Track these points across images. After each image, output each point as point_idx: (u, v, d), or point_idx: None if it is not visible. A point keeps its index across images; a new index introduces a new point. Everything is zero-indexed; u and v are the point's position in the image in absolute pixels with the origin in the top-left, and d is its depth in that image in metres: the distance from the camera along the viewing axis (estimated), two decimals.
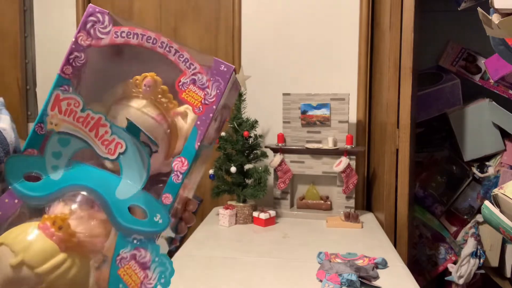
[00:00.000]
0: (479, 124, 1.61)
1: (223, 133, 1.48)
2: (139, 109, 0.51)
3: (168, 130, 0.52)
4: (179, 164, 0.46)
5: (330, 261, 1.01)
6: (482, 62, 1.66)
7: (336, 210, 1.49)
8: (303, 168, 1.51)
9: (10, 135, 0.52)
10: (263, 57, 1.67)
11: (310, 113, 1.50)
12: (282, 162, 1.50)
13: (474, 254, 1.53)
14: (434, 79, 1.72)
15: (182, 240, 1.63)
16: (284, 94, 1.53)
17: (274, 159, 1.51)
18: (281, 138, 1.52)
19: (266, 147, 1.54)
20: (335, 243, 1.20)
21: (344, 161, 1.44)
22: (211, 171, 1.49)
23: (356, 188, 1.51)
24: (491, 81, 1.63)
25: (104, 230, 0.41)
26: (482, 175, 1.62)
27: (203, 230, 1.36)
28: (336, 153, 1.47)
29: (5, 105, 0.57)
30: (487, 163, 1.63)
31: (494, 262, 1.60)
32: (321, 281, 0.93)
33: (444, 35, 1.76)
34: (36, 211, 0.43)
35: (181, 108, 0.54)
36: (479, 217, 1.59)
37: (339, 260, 1.03)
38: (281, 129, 1.54)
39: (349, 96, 1.48)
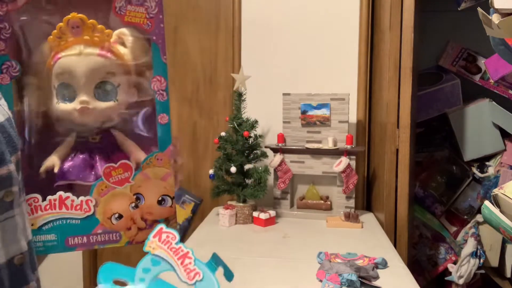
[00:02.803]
0: (479, 124, 1.61)
1: (223, 133, 1.48)
2: (81, 54, 0.51)
3: (118, 60, 0.53)
4: (157, 84, 0.48)
5: (330, 261, 1.01)
6: (482, 62, 1.66)
7: (336, 210, 1.49)
8: (303, 168, 1.51)
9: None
10: (263, 57, 1.67)
11: (310, 113, 1.50)
12: (282, 162, 1.50)
13: (474, 254, 1.53)
14: (434, 79, 1.72)
15: (183, 240, 1.63)
16: (284, 94, 1.53)
17: (274, 159, 1.51)
18: (281, 138, 1.52)
19: (266, 147, 1.54)
20: (335, 243, 1.20)
21: (344, 161, 1.44)
22: (211, 171, 1.49)
23: (356, 188, 1.51)
24: (491, 81, 1.64)
25: None
26: (482, 175, 1.62)
27: (203, 230, 1.36)
28: (336, 153, 1.47)
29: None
30: (487, 163, 1.63)
31: (494, 262, 1.60)
32: (321, 281, 0.93)
33: (444, 35, 1.76)
34: None
35: (113, 37, 0.54)
36: (479, 217, 1.59)
37: (339, 260, 1.03)
38: (281, 129, 1.54)
39: (349, 96, 1.48)
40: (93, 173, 0.58)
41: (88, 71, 0.52)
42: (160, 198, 0.54)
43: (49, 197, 0.57)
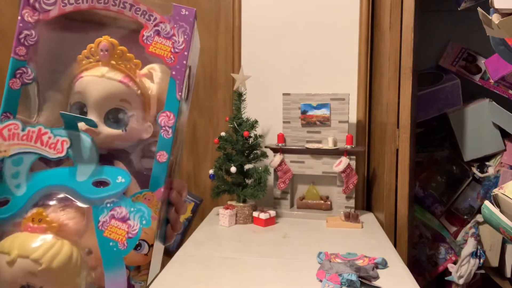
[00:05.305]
0: (479, 124, 1.61)
1: (223, 133, 1.48)
2: (103, 76, 0.50)
3: (139, 91, 0.51)
4: (165, 119, 0.46)
5: (330, 261, 1.01)
6: (482, 62, 1.66)
7: (336, 210, 1.49)
8: (303, 168, 1.51)
9: None
10: (263, 57, 1.67)
11: (310, 113, 1.50)
12: (282, 162, 1.50)
13: (474, 254, 1.53)
14: (434, 79, 1.72)
15: (183, 240, 1.63)
16: (284, 94, 1.53)
17: (274, 159, 1.51)
18: (281, 138, 1.52)
19: (266, 147, 1.54)
20: (335, 243, 1.20)
21: (344, 161, 1.44)
22: (211, 171, 1.49)
23: (356, 188, 1.51)
24: (491, 81, 1.63)
25: (79, 213, 0.45)
26: (482, 175, 1.62)
27: (203, 230, 1.36)
28: (336, 153, 1.47)
29: None
30: (487, 163, 1.63)
31: (494, 262, 1.60)
32: (321, 281, 0.93)
33: (444, 35, 1.76)
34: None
35: (144, 70, 0.52)
36: (479, 217, 1.59)
37: (339, 260, 1.03)
38: (281, 129, 1.54)
39: (349, 96, 1.48)
40: None
41: (104, 94, 0.50)
42: (137, 243, 0.47)
43: None
